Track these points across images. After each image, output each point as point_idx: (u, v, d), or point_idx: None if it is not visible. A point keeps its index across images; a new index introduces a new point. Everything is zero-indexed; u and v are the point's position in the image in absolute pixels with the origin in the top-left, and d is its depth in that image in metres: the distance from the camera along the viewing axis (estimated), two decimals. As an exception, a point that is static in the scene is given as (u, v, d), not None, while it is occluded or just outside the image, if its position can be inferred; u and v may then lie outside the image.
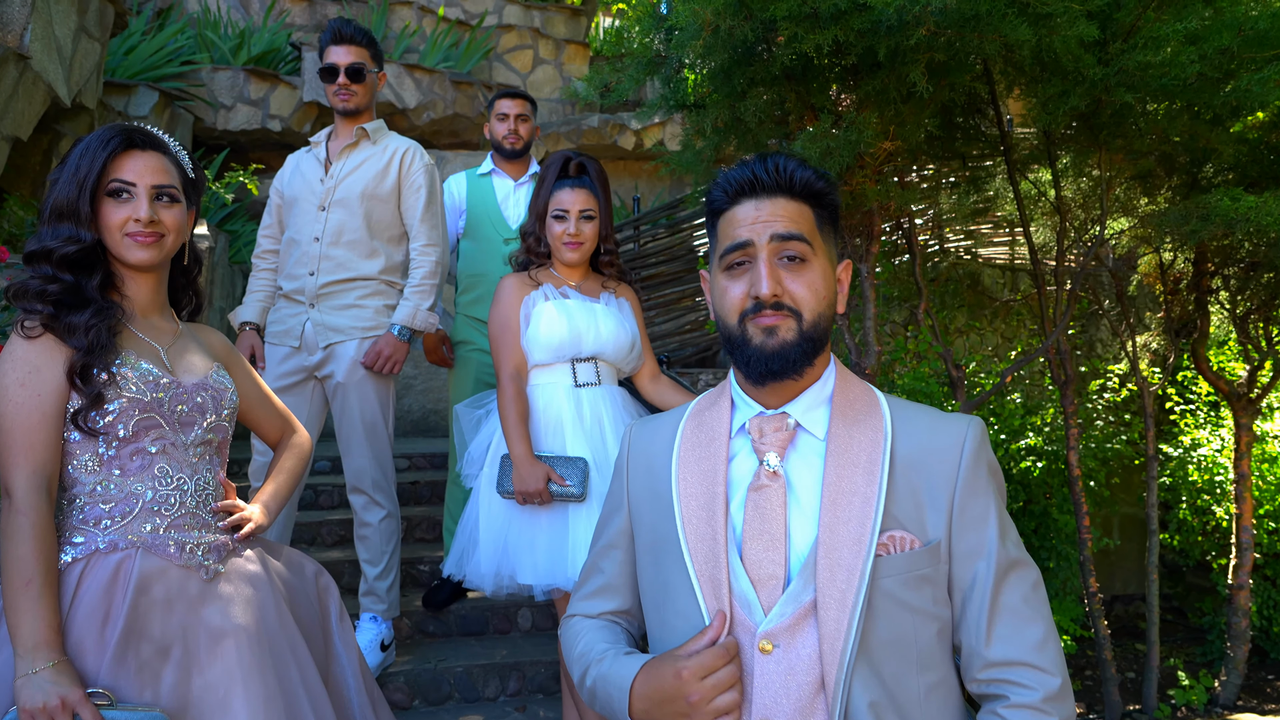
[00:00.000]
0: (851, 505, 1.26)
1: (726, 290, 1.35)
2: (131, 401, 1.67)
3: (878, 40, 2.68)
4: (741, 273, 1.34)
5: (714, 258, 1.42)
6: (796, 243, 1.32)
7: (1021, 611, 1.25)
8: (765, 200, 1.35)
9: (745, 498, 1.33)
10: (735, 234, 1.35)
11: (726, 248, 1.35)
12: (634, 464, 1.51)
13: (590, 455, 2.56)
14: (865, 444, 1.31)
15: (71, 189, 1.71)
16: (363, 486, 3.21)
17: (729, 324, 1.35)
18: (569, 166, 2.76)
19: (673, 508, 1.37)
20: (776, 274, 1.30)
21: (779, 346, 1.30)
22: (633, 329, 2.74)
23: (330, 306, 3.15)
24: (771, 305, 1.30)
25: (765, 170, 1.35)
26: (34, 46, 3.38)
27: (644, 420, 1.58)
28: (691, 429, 1.44)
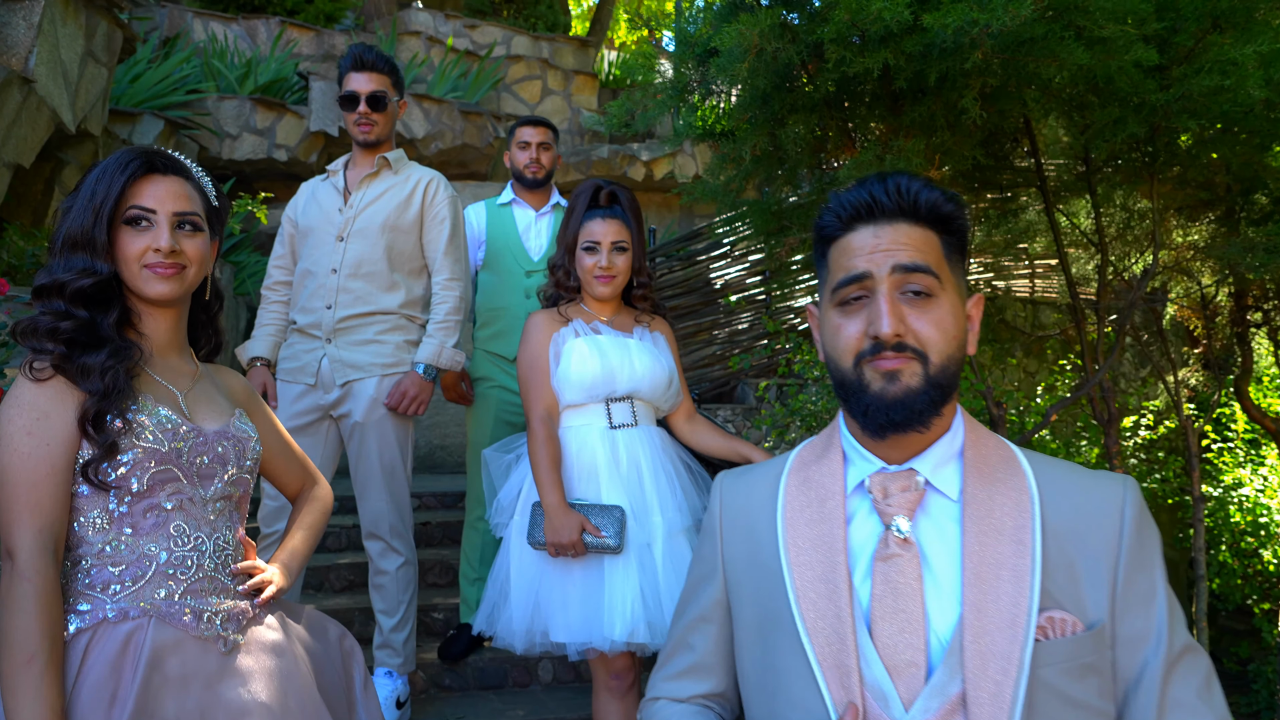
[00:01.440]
0: (1000, 580, 1.09)
1: (840, 329, 1.19)
2: (147, 452, 1.51)
3: (929, 64, 2.55)
4: (857, 309, 1.18)
5: (824, 291, 1.26)
6: (922, 275, 1.16)
7: (1196, 709, 1.08)
8: (885, 226, 1.19)
9: (870, 568, 1.16)
10: (851, 265, 1.18)
11: (840, 280, 1.19)
12: (730, 525, 1.33)
13: (627, 503, 2.40)
14: (1009, 507, 1.14)
15: (86, 216, 1.55)
16: (380, 532, 3.03)
17: (842, 367, 1.19)
18: (599, 195, 2.62)
19: (782, 579, 1.20)
20: (899, 310, 1.14)
21: (902, 394, 1.14)
22: (669, 365, 2.59)
23: (348, 342, 2.99)
24: (893, 346, 1.14)
25: (885, 192, 1.19)
26: (39, 70, 3.25)
27: (736, 473, 1.41)
28: (797, 485, 1.27)
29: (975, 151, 2.92)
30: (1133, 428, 4.73)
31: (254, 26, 8.06)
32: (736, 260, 5.89)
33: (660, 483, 2.46)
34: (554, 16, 10.29)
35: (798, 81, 2.88)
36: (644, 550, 2.38)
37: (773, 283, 5.68)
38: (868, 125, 2.95)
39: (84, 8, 3.71)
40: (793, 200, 3.70)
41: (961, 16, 2.31)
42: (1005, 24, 2.29)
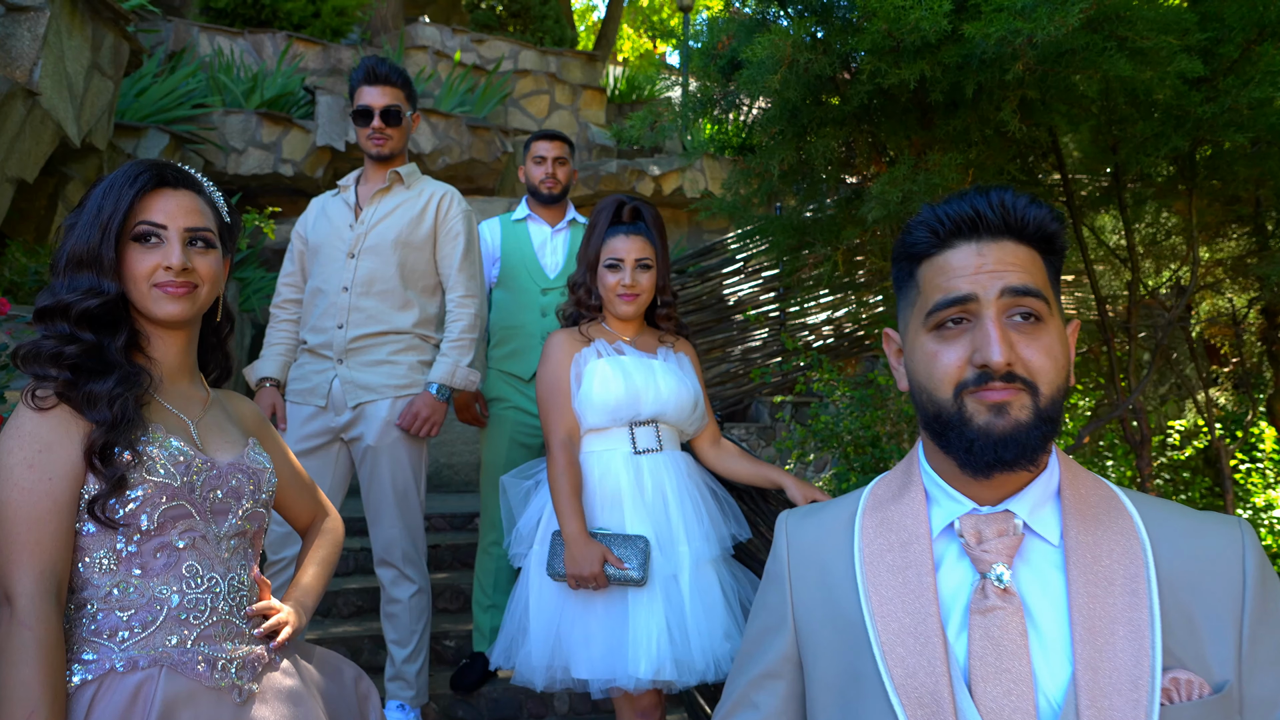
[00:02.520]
0: (1115, 636, 0.98)
1: (935, 356, 1.08)
2: (158, 487, 1.40)
3: (966, 76, 2.46)
4: (957, 334, 1.07)
5: (910, 314, 1.15)
6: (1033, 299, 1.05)
7: None
8: (989, 244, 1.08)
9: (966, 621, 1.05)
10: (951, 286, 1.07)
11: (938, 303, 1.08)
12: (800, 571, 1.21)
13: (652, 533, 2.29)
14: (1118, 554, 1.03)
15: (93, 233, 1.45)
16: (392, 559, 2.92)
17: (939, 398, 1.07)
18: (622, 211, 2.53)
19: (865, 632, 1.08)
20: (1009, 337, 1.04)
21: (1011, 429, 1.03)
22: (695, 387, 2.49)
23: (360, 362, 2.89)
24: (1002, 376, 1.03)
25: (990, 206, 1.08)
26: (44, 83, 3.16)
27: (801, 513, 1.29)
28: (875, 526, 1.16)
29: (1010, 166, 2.83)
30: (1158, 447, 4.62)
31: (260, 41, 8.01)
32: (750, 276, 5.80)
33: (686, 511, 2.36)
34: (560, 31, 10.24)
35: (827, 94, 2.79)
36: (670, 582, 2.28)
37: (788, 299, 5.58)
38: (897, 139, 2.86)
39: (90, 20, 3.63)
40: (814, 215, 3.61)
41: (1005, 26, 2.22)
42: (1050, 34, 2.20)
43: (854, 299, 5.36)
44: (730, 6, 3.22)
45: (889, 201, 2.63)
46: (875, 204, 2.63)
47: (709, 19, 3.68)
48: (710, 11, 13.29)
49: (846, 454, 3.86)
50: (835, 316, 5.78)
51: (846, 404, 4.03)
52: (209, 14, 8.38)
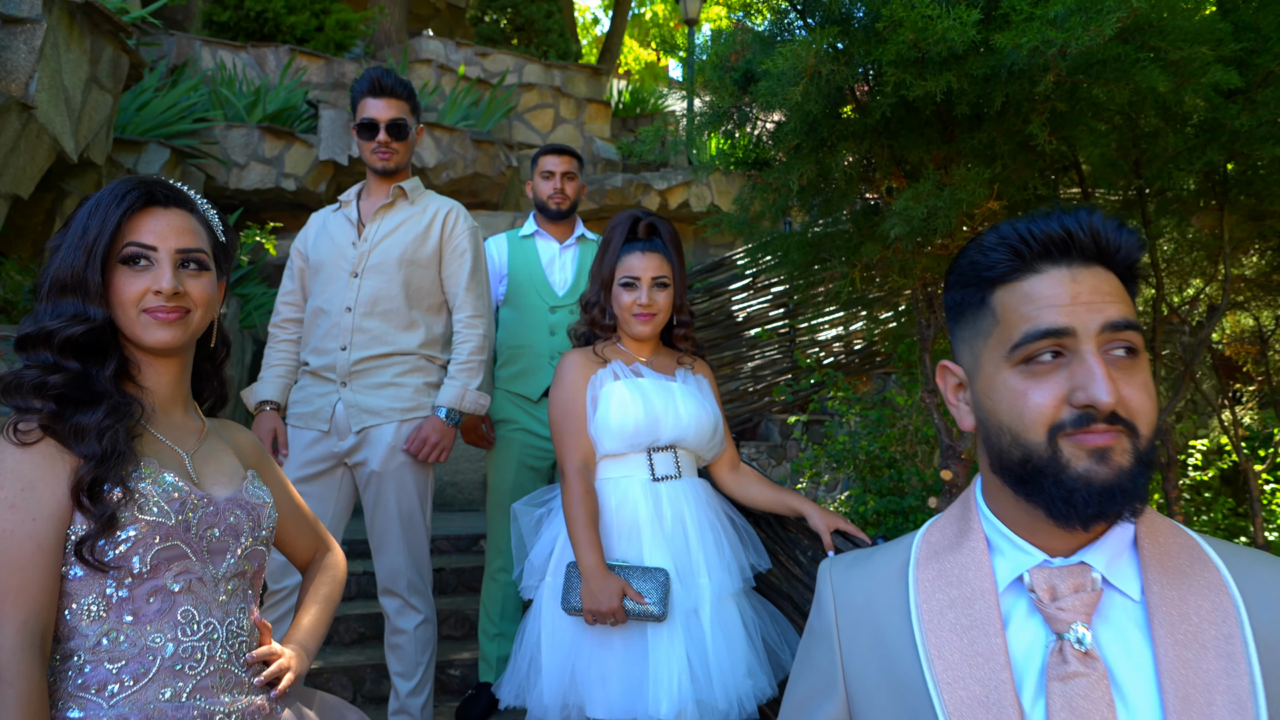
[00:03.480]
0: (1213, 705, 0.88)
1: (1023, 394, 0.96)
2: (152, 526, 1.30)
3: (994, 88, 2.38)
4: (1049, 370, 0.96)
5: (985, 345, 1.03)
6: (1132, 333, 0.95)
7: None
8: (1082, 270, 0.97)
9: (1043, 687, 0.94)
10: (1040, 316, 0.96)
11: (1028, 334, 0.96)
12: (849, 628, 1.09)
13: (672, 565, 2.19)
14: (1207, 611, 0.93)
15: (78, 255, 1.36)
16: (397, 589, 2.81)
17: (1029, 440, 0.96)
18: (638, 227, 2.43)
19: (929, 699, 0.97)
20: (1112, 376, 0.94)
21: (1114, 477, 0.92)
22: (715, 410, 2.39)
23: (364, 385, 2.79)
24: (1106, 418, 0.93)
25: (1082, 228, 0.98)
26: (40, 96, 3.08)
27: (846, 562, 1.18)
28: (932, 579, 1.05)
29: (1036, 181, 2.74)
30: (1180, 468, 4.51)
31: (263, 55, 7.95)
32: (759, 292, 5.71)
33: (707, 541, 2.25)
34: (565, 45, 10.19)
35: (846, 107, 2.70)
36: (691, 617, 2.17)
37: (798, 316, 5.48)
38: (919, 153, 2.76)
39: (89, 32, 3.55)
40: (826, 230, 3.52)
41: (1037, 36, 2.13)
42: (1085, 44, 2.11)
43: (865, 315, 5.26)
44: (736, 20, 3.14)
45: (912, 217, 2.53)
46: (898, 220, 2.54)
47: (713, 31, 3.61)
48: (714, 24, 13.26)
49: (862, 475, 3.76)
50: (846, 333, 5.69)
51: (862, 424, 3.93)
52: (212, 28, 8.32)
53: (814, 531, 2.36)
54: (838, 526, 2.31)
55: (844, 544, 2.30)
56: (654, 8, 17.56)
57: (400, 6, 9.62)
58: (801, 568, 2.53)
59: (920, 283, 3.00)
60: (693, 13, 9.76)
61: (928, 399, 3.13)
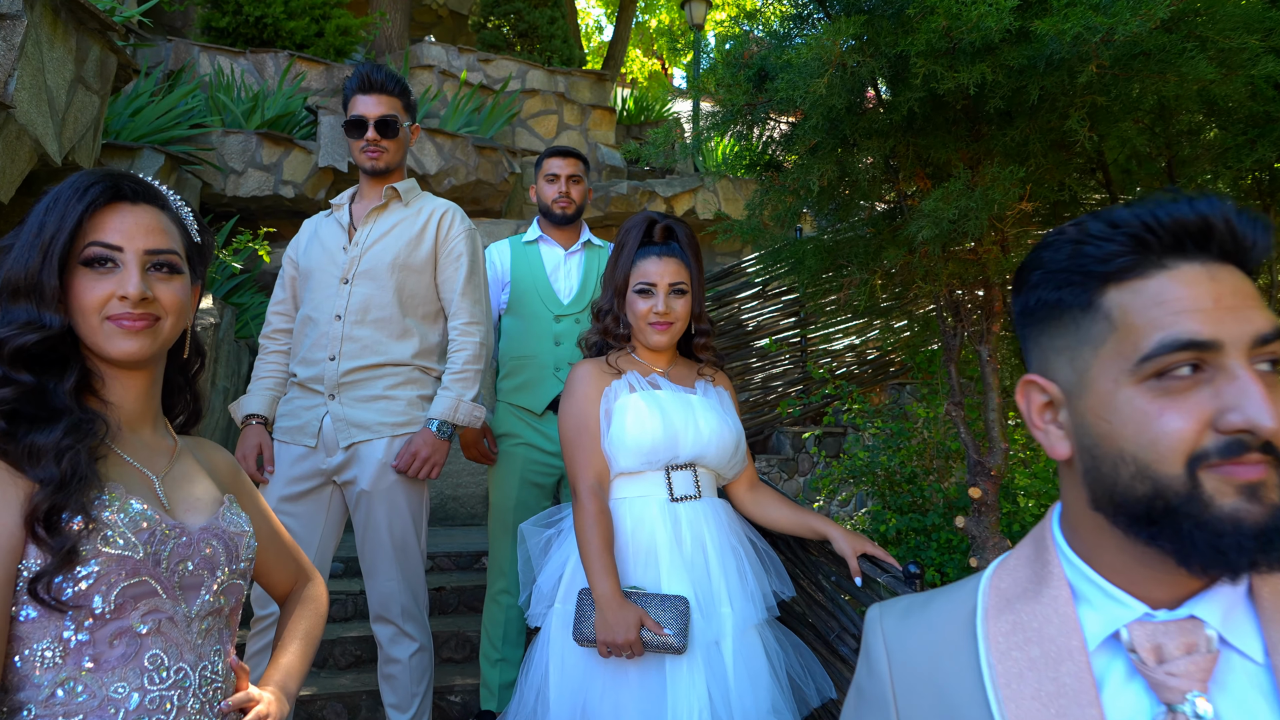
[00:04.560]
0: None
1: (1155, 416, 0.78)
2: (116, 560, 1.15)
3: (1030, 80, 2.22)
4: (1187, 388, 0.78)
5: (1097, 356, 0.84)
6: (1278, 345, 0.78)
7: None
8: (1218, 269, 0.80)
9: None
10: (1179, 323, 0.78)
11: (1162, 344, 0.78)
12: (908, 690, 0.92)
13: (692, 592, 2.02)
14: None
15: (32, 256, 1.21)
16: (390, 615, 2.64)
17: (1160, 472, 0.78)
18: (654, 230, 2.28)
19: None
20: (1271, 397, 0.76)
21: (1268, 517, 0.75)
22: (737, 426, 2.23)
23: (354, 398, 2.62)
24: (1260, 446, 0.75)
25: (1219, 216, 0.80)
26: (20, 96, 2.93)
27: (900, 611, 1.00)
28: (1006, 635, 0.88)
29: (1071, 181, 2.58)
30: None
31: (262, 60, 7.82)
32: (769, 300, 5.55)
33: (729, 567, 2.09)
34: (569, 51, 10.06)
35: (869, 102, 2.56)
36: (712, 649, 2.00)
37: (809, 325, 5.32)
38: (947, 151, 2.61)
39: (75, 31, 3.40)
40: (838, 235, 3.37)
41: (1080, 22, 1.98)
42: (1133, 30, 1.96)
43: (879, 324, 5.11)
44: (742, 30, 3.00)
45: (941, 219, 2.38)
46: (926, 222, 2.39)
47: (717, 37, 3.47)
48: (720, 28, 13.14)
49: (881, 492, 3.59)
50: (859, 343, 5.53)
51: (880, 437, 3.77)
52: (210, 34, 8.20)
53: (838, 555, 2.21)
54: (864, 550, 2.15)
55: (871, 569, 2.14)
56: (658, 16, 17.48)
57: (402, 12, 9.51)
58: (825, 594, 2.38)
59: (946, 289, 2.85)
60: (698, 18, 9.65)
61: (954, 412, 2.97)
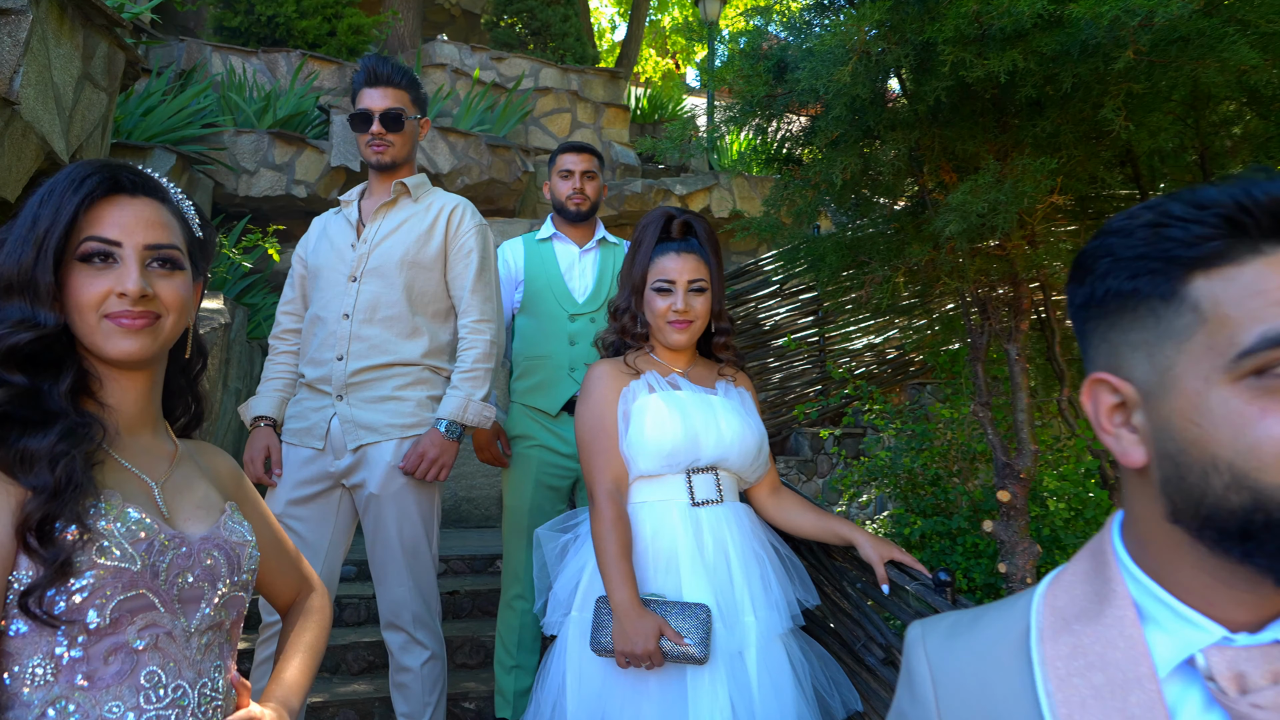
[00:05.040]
0: None
1: (1256, 420, 0.70)
2: (113, 572, 1.08)
3: (1064, 67, 2.14)
4: None
5: (1182, 352, 0.75)
6: None
7: None
8: None
9: None
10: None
11: (1265, 337, 0.70)
12: (955, 718, 0.87)
13: (714, 600, 1.95)
14: None
15: (26, 250, 1.14)
16: (401, 623, 2.58)
17: (1263, 482, 0.69)
18: (671, 226, 2.21)
19: None
20: None
21: None
22: (759, 428, 2.16)
23: (362, 399, 2.56)
24: None
25: None
26: (25, 93, 2.88)
27: (946, 629, 0.92)
28: (1065, 658, 0.79)
29: (1105, 174, 2.49)
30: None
31: (274, 60, 7.79)
32: (787, 299, 5.47)
33: (752, 574, 2.02)
34: (582, 49, 10.00)
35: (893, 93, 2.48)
36: (735, 660, 1.93)
37: (827, 324, 5.24)
38: (975, 143, 2.53)
39: (81, 27, 3.36)
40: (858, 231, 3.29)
41: (1119, 4, 1.89)
42: (1175, 12, 1.88)
43: (899, 323, 5.02)
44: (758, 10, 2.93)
45: (969, 213, 2.29)
46: (954, 216, 2.30)
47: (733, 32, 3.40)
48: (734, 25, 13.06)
49: (904, 494, 3.51)
50: (878, 342, 5.43)
51: (902, 439, 3.68)
52: (223, 33, 8.18)
53: (864, 561, 2.13)
54: (892, 557, 2.07)
55: (899, 576, 2.06)
56: (671, 14, 17.41)
57: (414, 11, 9.47)
58: (850, 601, 2.30)
59: (974, 286, 2.76)
60: (712, 15, 9.57)
61: (980, 412, 2.89)
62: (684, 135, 3.25)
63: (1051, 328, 3.16)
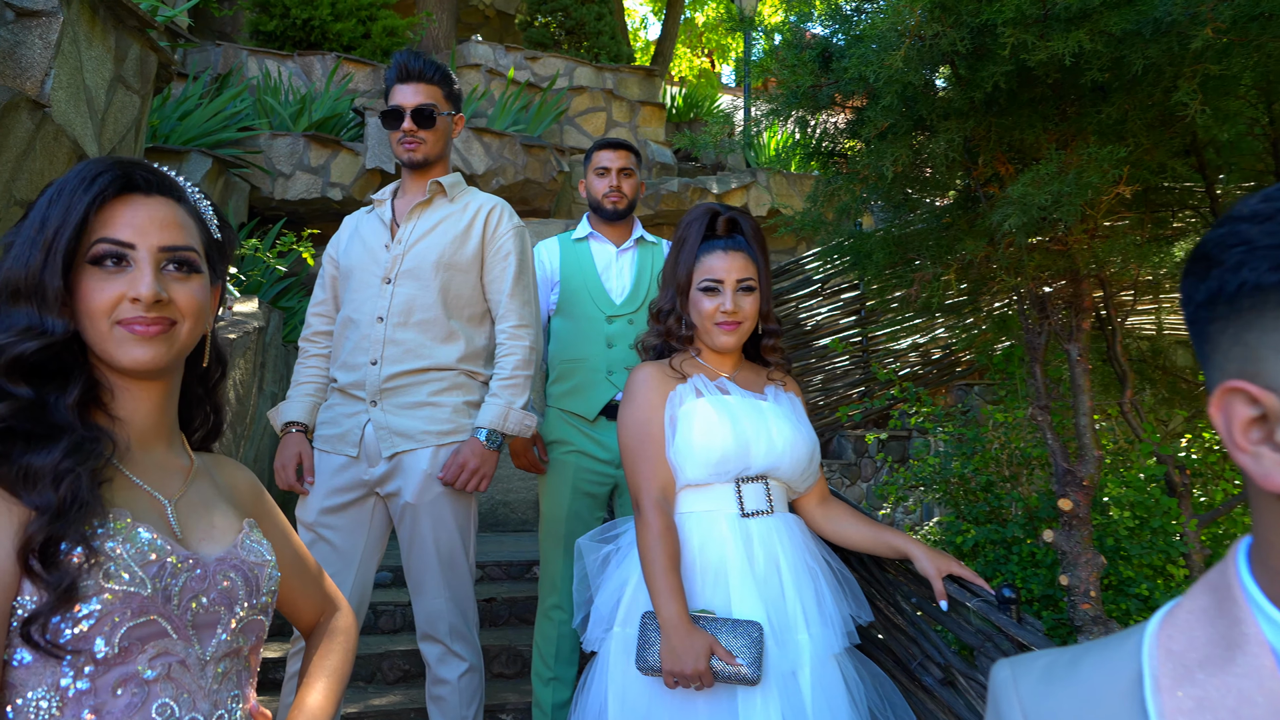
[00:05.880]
0: None
1: None
2: (121, 597, 1.01)
3: (1133, 49, 2.01)
4: None
5: None
6: None
7: None
8: None
9: None
10: None
11: None
12: None
13: (765, 617, 1.84)
14: None
15: (34, 253, 1.07)
16: (437, 634, 2.50)
17: None
18: (717, 223, 2.10)
19: None
20: None
21: None
22: (811, 435, 2.05)
23: (397, 405, 2.48)
24: None
25: None
26: (57, 95, 2.85)
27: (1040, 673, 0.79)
28: (1189, 715, 0.68)
29: (1175, 162, 2.35)
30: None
31: (309, 63, 7.80)
32: (828, 298, 5.33)
33: (805, 589, 1.91)
34: (616, 47, 9.92)
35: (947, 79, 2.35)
36: (788, 681, 1.82)
37: (870, 323, 5.09)
38: (1035, 132, 2.39)
39: (114, 29, 3.33)
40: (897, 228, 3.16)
41: (1198, -21, 1.76)
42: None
43: (946, 322, 4.86)
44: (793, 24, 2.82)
45: (1031, 206, 2.16)
46: (1014, 209, 2.18)
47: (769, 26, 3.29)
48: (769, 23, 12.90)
49: (955, 501, 3.37)
50: (924, 341, 5.28)
51: (951, 442, 3.54)
52: (258, 37, 8.21)
53: (920, 575, 2.01)
54: (951, 570, 1.95)
55: (959, 592, 1.94)
56: (705, 11, 17.28)
57: (448, 12, 9.45)
58: (905, 617, 2.18)
59: (1033, 283, 2.63)
60: (749, 9, 9.44)
61: (1039, 416, 2.75)
62: (725, 128, 3.14)
63: (1112, 326, 3.01)
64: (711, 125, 2.82)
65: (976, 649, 1.92)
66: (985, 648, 1.90)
